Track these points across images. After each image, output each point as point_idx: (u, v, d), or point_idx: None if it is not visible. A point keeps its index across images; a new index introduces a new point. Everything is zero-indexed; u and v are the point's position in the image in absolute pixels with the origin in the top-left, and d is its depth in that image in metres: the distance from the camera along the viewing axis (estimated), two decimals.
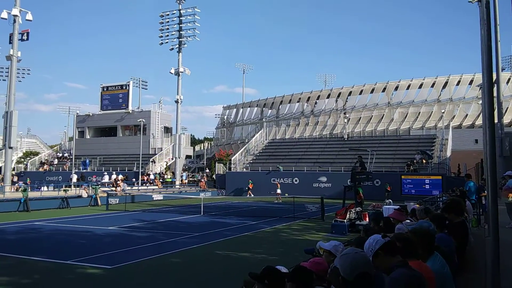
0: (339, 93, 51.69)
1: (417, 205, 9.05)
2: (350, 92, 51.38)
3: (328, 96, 52.40)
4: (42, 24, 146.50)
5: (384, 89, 49.14)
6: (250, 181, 35.87)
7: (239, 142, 53.04)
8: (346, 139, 41.79)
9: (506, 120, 33.18)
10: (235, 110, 59.16)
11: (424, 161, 34.02)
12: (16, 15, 31.62)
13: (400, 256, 3.04)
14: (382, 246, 3.09)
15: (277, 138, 46.95)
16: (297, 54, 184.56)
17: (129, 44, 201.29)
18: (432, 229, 4.00)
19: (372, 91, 50.12)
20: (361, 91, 50.80)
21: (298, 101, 53.90)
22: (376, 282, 2.56)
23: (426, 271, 3.02)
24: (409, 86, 48.42)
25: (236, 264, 10.11)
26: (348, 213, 15.19)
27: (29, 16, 32.21)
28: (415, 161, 34.22)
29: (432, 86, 47.58)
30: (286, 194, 30.06)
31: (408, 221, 5.68)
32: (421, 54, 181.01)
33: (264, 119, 53.58)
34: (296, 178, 35.87)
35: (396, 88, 49.16)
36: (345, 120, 45.48)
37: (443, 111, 44.74)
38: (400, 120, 46.28)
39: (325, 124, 49.24)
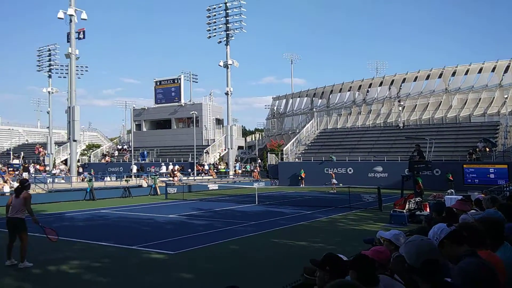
0: (392, 81, 49.92)
1: (482, 195, 8.71)
2: (404, 79, 49.45)
3: (381, 84, 50.79)
4: (97, 23, 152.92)
5: (441, 75, 46.78)
6: (302, 170, 35.87)
7: (290, 132, 52.95)
8: (401, 127, 40.46)
9: None
10: (284, 100, 59.01)
11: (487, 149, 32.22)
12: (72, 15, 33.17)
13: (468, 246, 3.00)
14: (448, 235, 3.03)
15: (328, 127, 46.37)
16: (346, 42, 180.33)
17: (180, 39, 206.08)
18: (501, 218, 3.87)
19: (427, 78, 47.89)
20: (416, 77, 48.71)
21: (349, 90, 52.73)
22: (442, 272, 2.50)
23: (496, 262, 2.85)
24: (467, 71, 45.76)
25: (293, 252, 10.24)
26: (408, 203, 14.80)
27: (84, 15, 33.71)
28: (477, 149, 32.49)
29: (493, 70, 44.65)
30: (341, 184, 29.73)
31: (474, 211, 5.51)
32: (476, 40, 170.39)
33: (314, 109, 53.04)
34: (350, 168, 35.35)
35: (454, 74, 46.63)
36: (400, 108, 43.93)
37: (506, 96, 42.00)
38: (460, 107, 43.97)
39: (379, 112, 47.84)
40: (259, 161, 47.69)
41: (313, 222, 15.23)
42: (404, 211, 14.51)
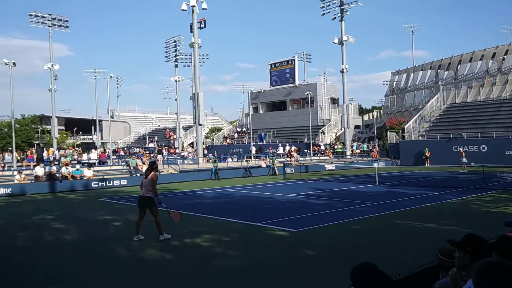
0: None
1: None
2: None
3: None
4: (213, 11, 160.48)
5: None
6: (426, 148, 33.47)
7: (411, 108, 49.65)
8: None
9: None
10: (405, 75, 55.32)
11: None
12: (194, 6, 35.28)
13: None
14: None
15: (456, 102, 42.27)
16: (474, 5, 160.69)
17: (292, 19, 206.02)
18: None
19: None
20: None
21: (480, 59, 47.18)
22: None
23: None
24: None
25: (420, 234, 9.65)
26: None
27: (204, 5, 35.61)
28: None
29: None
30: (472, 164, 27.09)
31: None
32: None
33: (440, 82, 48.75)
34: (483, 146, 31.91)
35: None
36: None
37: None
38: None
39: None
40: (378, 140, 45.79)
41: (442, 204, 14.14)
42: None
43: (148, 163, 10.26)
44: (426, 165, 32.31)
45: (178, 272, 7.19)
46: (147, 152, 42.73)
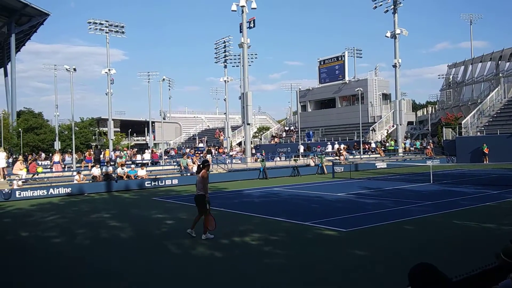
0: None
1: None
2: None
3: None
4: (263, 10, 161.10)
5: None
6: (484, 145, 31.68)
7: (469, 103, 47.14)
8: None
9: None
10: (462, 67, 52.59)
11: None
12: (243, 6, 35.56)
13: None
14: None
15: None
16: None
17: (341, 15, 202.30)
18: None
19: None
20: None
21: None
22: None
23: None
24: None
25: (478, 234, 9.16)
26: None
27: (253, 5, 35.75)
28: None
29: None
30: None
31: None
32: None
33: (500, 74, 45.91)
34: None
35: None
36: None
37: None
38: None
39: None
40: (432, 137, 43.92)
41: (502, 203, 13.34)
42: None
43: (202, 161, 10.29)
44: (485, 162, 30.60)
45: (228, 269, 7.29)
46: (197, 152, 43.72)
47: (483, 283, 3.60)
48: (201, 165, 10.05)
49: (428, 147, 38.56)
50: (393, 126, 44.23)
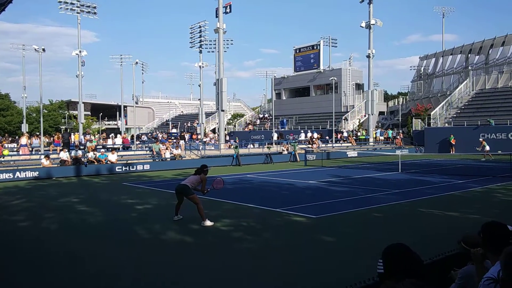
0: None
1: None
2: None
3: None
4: None
5: None
6: (452, 136, 32.70)
7: (439, 95, 48.34)
8: None
9: None
10: (433, 59, 53.75)
11: None
12: None
13: None
14: None
15: (486, 88, 40.95)
16: None
17: (318, 4, 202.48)
18: None
19: None
20: None
21: None
22: None
23: None
24: None
25: (441, 222, 9.49)
26: None
27: None
28: None
29: None
30: (499, 152, 26.31)
31: None
32: None
33: (470, 67, 47.22)
34: None
35: None
36: None
37: None
38: None
39: None
40: (403, 128, 44.95)
41: (465, 192, 13.84)
42: None
43: (201, 165, 10.37)
44: (451, 152, 31.60)
45: (197, 255, 7.30)
46: (170, 137, 43.23)
47: (444, 269, 3.78)
48: (199, 169, 10.15)
49: (398, 137, 39.47)
50: (365, 115, 44.95)
